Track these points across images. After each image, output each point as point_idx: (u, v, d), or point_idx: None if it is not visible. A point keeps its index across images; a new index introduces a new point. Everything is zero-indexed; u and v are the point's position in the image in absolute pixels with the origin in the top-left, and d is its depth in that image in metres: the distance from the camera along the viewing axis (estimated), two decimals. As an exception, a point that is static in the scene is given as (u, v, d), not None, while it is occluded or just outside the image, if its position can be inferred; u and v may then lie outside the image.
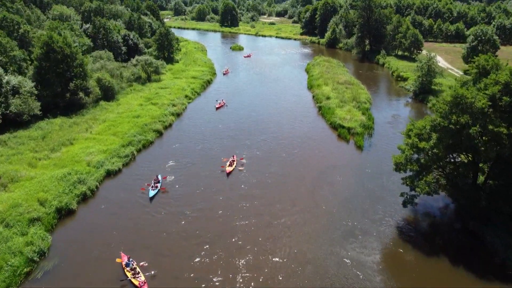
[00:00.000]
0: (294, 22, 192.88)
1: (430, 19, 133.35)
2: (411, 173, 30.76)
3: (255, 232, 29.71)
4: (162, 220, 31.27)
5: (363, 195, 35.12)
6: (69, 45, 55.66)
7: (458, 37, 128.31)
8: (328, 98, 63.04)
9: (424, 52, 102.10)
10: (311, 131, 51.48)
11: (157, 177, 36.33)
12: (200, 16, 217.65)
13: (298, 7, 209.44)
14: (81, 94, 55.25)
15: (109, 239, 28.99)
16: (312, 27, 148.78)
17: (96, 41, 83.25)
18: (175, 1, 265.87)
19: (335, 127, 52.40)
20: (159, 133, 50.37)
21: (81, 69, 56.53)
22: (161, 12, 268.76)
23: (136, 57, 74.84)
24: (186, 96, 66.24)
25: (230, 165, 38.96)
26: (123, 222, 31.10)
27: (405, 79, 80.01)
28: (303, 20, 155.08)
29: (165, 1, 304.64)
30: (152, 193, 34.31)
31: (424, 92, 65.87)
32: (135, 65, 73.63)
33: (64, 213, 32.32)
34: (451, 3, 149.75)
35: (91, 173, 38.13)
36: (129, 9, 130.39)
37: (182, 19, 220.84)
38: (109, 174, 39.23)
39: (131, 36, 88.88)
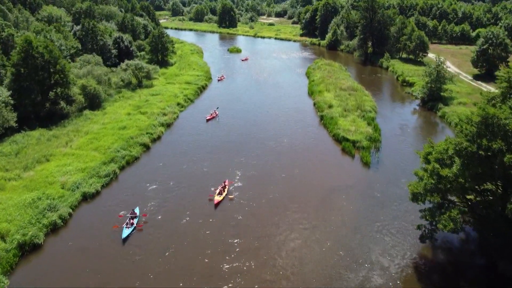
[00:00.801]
0: (294, 22, 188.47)
1: (435, 20, 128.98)
2: (431, 204, 26.41)
3: (249, 276, 25.26)
4: (138, 261, 26.64)
5: (373, 227, 30.65)
6: (50, 50, 51.23)
7: (464, 39, 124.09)
8: (330, 106, 58.69)
9: (430, 55, 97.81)
10: (313, 145, 47.10)
11: (133, 211, 31.11)
12: (198, 17, 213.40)
13: (298, 7, 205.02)
14: (62, 104, 50.87)
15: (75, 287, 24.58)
16: (312, 28, 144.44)
17: (85, 44, 78.90)
18: (172, 1, 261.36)
19: (338, 139, 48.04)
20: (146, 147, 45.95)
21: (62, 76, 52.12)
22: (159, 13, 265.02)
23: (126, 61, 70.43)
24: (179, 103, 61.82)
25: (220, 193, 33.81)
26: (93, 263, 26.57)
27: (411, 84, 75.63)
28: (303, 21, 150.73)
29: (163, 1, 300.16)
30: (126, 232, 28.89)
31: (433, 99, 61.47)
32: (124, 70, 69.25)
33: (28, 249, 27.90)
34: (455, 4, 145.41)
35: (64, 197, 33.75)
36: (123, 10, 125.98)
37: (180, 20, 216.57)
38: (86, 197, 34.81)
39: (124, 39, 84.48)
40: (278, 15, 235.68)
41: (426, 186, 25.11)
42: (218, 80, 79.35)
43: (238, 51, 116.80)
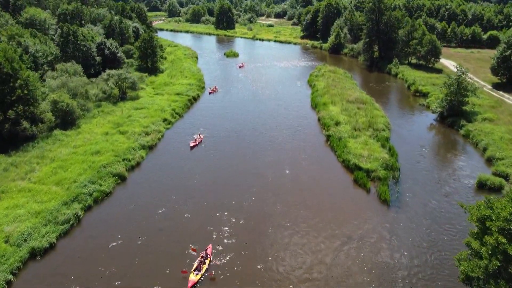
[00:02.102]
0: (294, 24, 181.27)
1: (444, 21, 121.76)
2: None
3: None
4: None
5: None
6: (11, 60, 43.89)
7: (475, 42, 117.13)
8: (337, 123, 51.45)
9: (442, 60, 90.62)
10: (319, 174, 39.74)
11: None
12: (195, 18, 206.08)
13: (298, 8, 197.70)
14: (25, 124, 43.49)
15: None
16: (314, 30, 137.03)
17: (66, 50, 71.43)
18: (169, 1, 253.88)
19: (349, 167, 40.75)
20: (121, 178, 38.55)
21: (27, 91, 44.78)
22: (155, 13, 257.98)
23: (108, 70, 63.07)
24: (165, 120, 54.47)
25: (197, 268, 24.96)
26: None
27: (424, 94, 68.45)
28: (304, 22, 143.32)
29: (160, 2, 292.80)
30: None
31: (453, 114, 54.19)
32: (106, 80, 61.89)
33: None
34: (464, 4, 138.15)
35: (5, 256, 26.44)
36: (113, 11, 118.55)
37: (176, 21, 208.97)
38: (35, 254, 27.49)
39: (108, 44, 77.13)
40: (278, 16, 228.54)
41: (488, 269, 17.80)
42: (209, 93, 70.36)
43: (235, 55, 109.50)
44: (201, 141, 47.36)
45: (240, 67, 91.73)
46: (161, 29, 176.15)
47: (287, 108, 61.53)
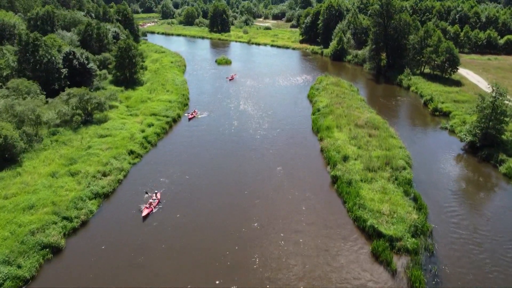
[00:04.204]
0: (293, 26, 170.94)
1: (456, 25, 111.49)
2: None
3: None
4: None
5: None
6: None
7: (490, 47, 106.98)
8: (345, 157, 41.19)
9: (461, 70, 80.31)
10: (325, 244, 29.22)
11: None
12: (189, 20, 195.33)
13: (297, 9, 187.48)
14: None
15: None
16: (314, 34, 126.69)
17: (25, 62, 60.97)
18: (163, 2, 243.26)
19: (364, 228, 30.50)
20: (54, 251, 28.18)
21: None
22: (149, 15, 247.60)
23: (67, 89, 52.63)
24: (132, 152, 44.11)
25: None
26: None
27: (445, 114, 58.26)
28: (303, 25, 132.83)
29: (154, 3, 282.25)
30: None
31: (488, 144, 43.95)
32: (66, 101, 51.50)
33: None
34: (477, 6, 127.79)
35: None
36: (93, 15, 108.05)
37: (168, 23, 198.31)
38: None
39: (78, 54, 66.72)
40: (276, 17, 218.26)
41: None
42: (189, 119, 56.91)
43: (228, 62, 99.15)
44: (158, 203, 34.34)
45: (230, 79, 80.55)
46: (152, 32, 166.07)
47: (283, 134, 51.11)
